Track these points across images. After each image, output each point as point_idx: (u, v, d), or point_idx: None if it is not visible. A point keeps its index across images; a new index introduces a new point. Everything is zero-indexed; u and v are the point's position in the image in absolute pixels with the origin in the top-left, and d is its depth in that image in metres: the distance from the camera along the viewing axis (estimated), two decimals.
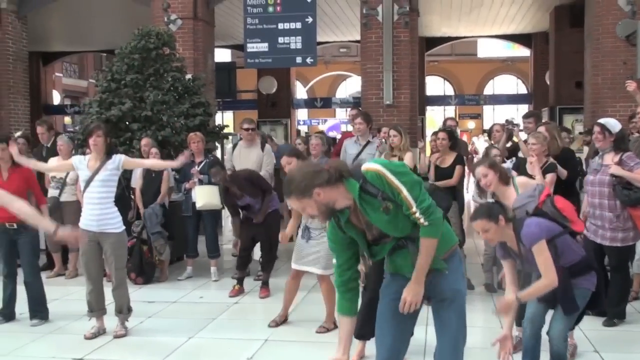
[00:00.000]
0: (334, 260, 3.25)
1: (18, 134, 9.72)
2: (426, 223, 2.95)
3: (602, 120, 5.82)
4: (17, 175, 5.85)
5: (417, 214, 2.93)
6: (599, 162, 5.67)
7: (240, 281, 6.97)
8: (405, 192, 2.92)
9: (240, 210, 7.16)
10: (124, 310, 5.54)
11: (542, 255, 3.76)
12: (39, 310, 5.92)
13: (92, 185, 5.39)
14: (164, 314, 6.30)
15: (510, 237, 3.89)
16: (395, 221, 2.99)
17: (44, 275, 7.88)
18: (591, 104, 10.86)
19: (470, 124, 30.35)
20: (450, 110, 28.01)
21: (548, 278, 3.74)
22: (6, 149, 5.75)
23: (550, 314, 4.08)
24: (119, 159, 5.48)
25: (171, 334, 5.59)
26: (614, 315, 5.66)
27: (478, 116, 29.50)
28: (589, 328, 5.31)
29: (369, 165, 2.98)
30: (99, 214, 5.35)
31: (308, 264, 5.58)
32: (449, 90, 31.24)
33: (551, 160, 6.14)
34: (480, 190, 5.04)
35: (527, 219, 3.93)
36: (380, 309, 3.26)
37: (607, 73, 10.46)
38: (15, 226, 5.71)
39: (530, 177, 5.73)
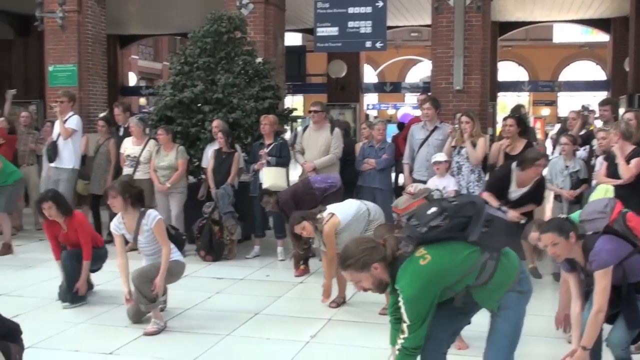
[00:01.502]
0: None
1: (101, 115, 10.15)
2: (400, 343, 3.11)
3: None
4: (73, 224, 5.91)
5: (404, 328, 3.09)
6: None
7: (305, 261, 7.09)
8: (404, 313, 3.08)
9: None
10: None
11: (602, 283, 3.68)
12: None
13: (141, 242, 5.38)
14: (230, 290, 6.50)
15: (579, 255, 3.81)
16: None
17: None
18: None
19: (545, 111, 29.61)
20: (524, 97, 27.38)
21: (599, 303, 3.68)
22: (52, 206, 5.77)
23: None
24: (152, 221, 5.28)
25: (237, 309, 5.76)
26: None
27: (552, 103, 28.76)
28: None
29: (406, 281, 3.07)
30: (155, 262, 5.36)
31: None
32: (523, 76, 30.51)
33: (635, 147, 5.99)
34: None
35: (598, 239, 3.81)
36: (438, 330, 3.33)
37: None
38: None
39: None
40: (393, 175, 9.76)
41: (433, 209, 3.16)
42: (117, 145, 8.54)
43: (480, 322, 3.50)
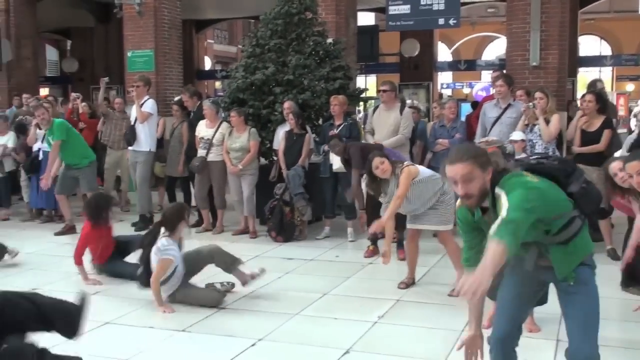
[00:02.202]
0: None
1: (176, 99, 10.39)
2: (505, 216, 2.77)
3: None
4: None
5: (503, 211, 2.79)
6: None
7: (374, 242, 7.09)
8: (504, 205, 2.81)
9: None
10: None
11: None
12: None
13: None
14: (300, 271, 6.57)
15: None
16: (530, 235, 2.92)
17: (193, 230, 8.50)
18: None
19: (630, 87, 28.35)
20: (607, 72, 26.31)
21: None
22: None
23: None
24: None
25: (306, 289, 5.83)
26: None
27: (638, 78, 27.47)
28: None
29: (501, 195, 2.85)
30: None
31: (423, 222, 5.66)
32: (606, 50, 29.28)
33: None
34: None
35: None
36: (507, 289, 3.25)
37: None
38: None
39: None
40: None
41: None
42: (191, 129, 8.72)
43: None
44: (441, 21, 11.23)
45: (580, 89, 18.62)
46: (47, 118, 8.27)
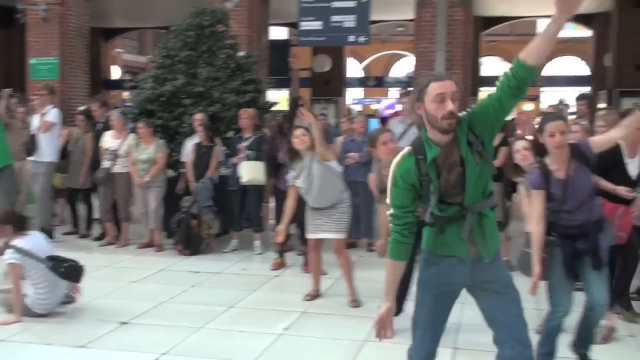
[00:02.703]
0: (390, 204, 2.98)
1: (80, 109, 10.09)
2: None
3: None
4: None
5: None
6: None
7: (281, 254, 7.13)
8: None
9: (276, 172, 7.34)
10: None
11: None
12: None
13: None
14: (206, 284, 6.52)
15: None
16: (480, 178, 2.86)
17: (96, 244, 8.29)
18: None
19: (528, 106, 29.73)
20: None
21: None
22: None
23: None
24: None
25: (212, 302, 5.79)
26: None
27: (535, 98, 28.85)
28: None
29: (471, 109, 2.89)
30: None
31: (322, 231, 5.73)
32: None
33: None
34: None
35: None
36: (427, 308, 3.06)
37: None
38: None
39: None
40: None
41: None
42: (95, 140, 8.50)
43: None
44: (351, 38, 11.45)
45: None
46: None
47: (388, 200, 3.00)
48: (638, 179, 5.08)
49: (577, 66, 29.90)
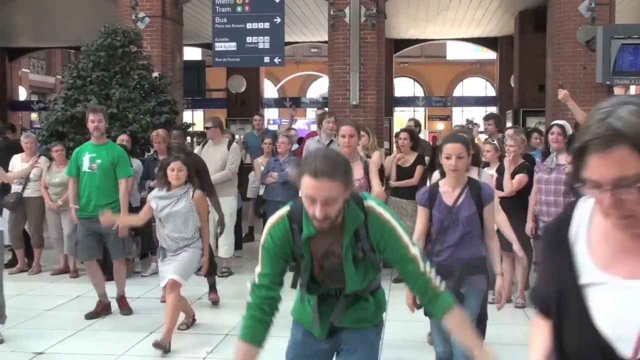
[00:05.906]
0: (257, 271, 2.54)
1: None
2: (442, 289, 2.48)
3: (561, 122, 6.12)
4: None
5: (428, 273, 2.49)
6: (553, 161, 5.91)
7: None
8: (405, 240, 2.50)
9: None
10: None
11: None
12: None
13: None
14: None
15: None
16: (363, 273, 2.57)
17: (7, 272, 7.92)
18: (552, 107, 11.10)
19: (440, 126, 30.67)
20: (420, 112, 28.28)
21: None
22: None
23: None
24: None
25: (133, 328, 5.66)
26: None
27: (447, 117, 29.82)
28: None
29: (376, 208, 2.51)
30: None
31: (166, 272, 5.23)
32: (419, 91, 31.53)
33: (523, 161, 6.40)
34: None
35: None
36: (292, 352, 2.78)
37: (568, 77, 10.71)
38: None
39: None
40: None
41: None
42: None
43: None
44: (266, 59, 11.52)
45: (397, 128, 19.87)
46: None
47: (258, 268, 2.56)
48: None
49: (484, 87, 31.13)
